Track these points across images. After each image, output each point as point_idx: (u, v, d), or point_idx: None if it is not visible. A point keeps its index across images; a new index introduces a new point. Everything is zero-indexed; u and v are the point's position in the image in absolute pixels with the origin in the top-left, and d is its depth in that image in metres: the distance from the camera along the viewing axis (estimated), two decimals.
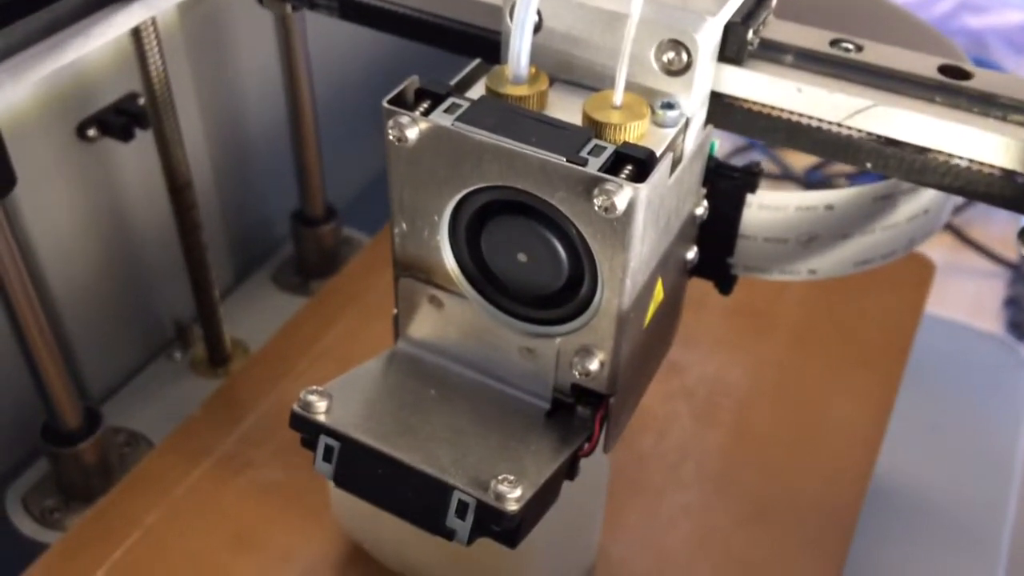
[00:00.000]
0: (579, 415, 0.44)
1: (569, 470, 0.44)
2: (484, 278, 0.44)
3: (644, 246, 0.40)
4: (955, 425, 0.92)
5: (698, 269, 0.50)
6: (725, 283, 0.51)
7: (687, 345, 0.86)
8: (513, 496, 0.38)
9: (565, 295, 0.42)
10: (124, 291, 0.79)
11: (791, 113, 0.45)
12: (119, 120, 0.73)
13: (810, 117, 0.45)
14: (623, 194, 0.37)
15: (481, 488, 0.39)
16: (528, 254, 0.41)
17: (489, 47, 0.47)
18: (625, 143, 0.39)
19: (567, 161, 0.38)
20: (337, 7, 0.53)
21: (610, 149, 0.38)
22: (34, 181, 0.70)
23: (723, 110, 0.45)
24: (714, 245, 0.49)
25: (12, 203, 0.69)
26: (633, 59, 0.42)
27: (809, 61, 0.45)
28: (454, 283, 0.44)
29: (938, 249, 1.30)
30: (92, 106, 0.72)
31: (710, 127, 0.45)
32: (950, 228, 1.40)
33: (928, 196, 0.50)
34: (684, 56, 0.41)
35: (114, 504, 0.72)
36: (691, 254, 0.48)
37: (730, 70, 0.45)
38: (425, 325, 0.45)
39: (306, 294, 0.88)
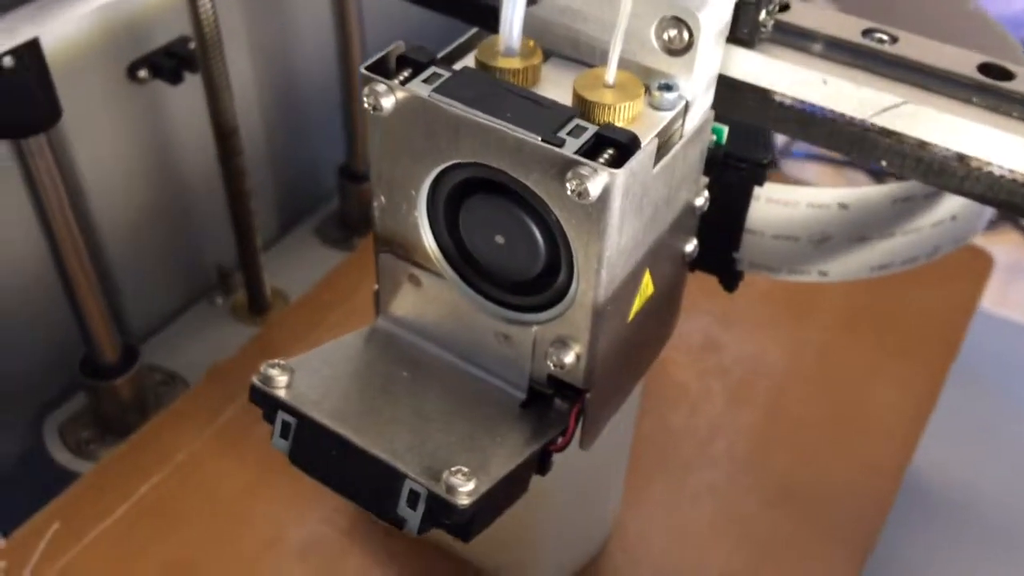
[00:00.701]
0: (556, 408, 0.40)
1: (540, 465, 0.40)
2: (462, 258, 0.40)
3: (623, 236, 0.35)
4: (1006, 427, 0.86)
5: (701, 263, 0.45)
6: (730, 279, 0.46)
7: (726, 323, 0.81)
8: (465, 490, 0.35)
9: (543, 282, 0.38)
10: (169, 233, 0.77)
11: (809, 104, 0.40)
12: (169, 63, 0.71)
13: (832, 111, 0.40)
14: (598, 179, 0.33)
15: (433, 478, 0.35)
16: (505, 236, 0.37)
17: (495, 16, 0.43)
18: (607, 125, 0.34)
19: (542, 140, 0.34)
20: None
21: (591, 131, 0.34)
22: (84, 118, 0.69)
23: (732, 95, 0.40)
24: (718, 238, 0.44)
25: (62, 139, 0.67)
26: (633, 36, 0.37)
27: (837, 50, 0.40)
28: (432, 261, 0.40)
29: (1005, 248, 1.21)
30: (144, 47, 0.70)
31: (711, 112, 0.40)
32: (1018, 227, 1.29)
33: (956, 201, 0.44)
34: (685, 35, 0.37)
35: (146, 440, 0.71)
36: (690, 247, 0.43)
37: (741, 53, 0.39)
38: (404, 303, 0.42)
39: (348, 249, 0.85)
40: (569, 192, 0.33)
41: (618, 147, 0.34)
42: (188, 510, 0.67)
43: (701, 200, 0.41)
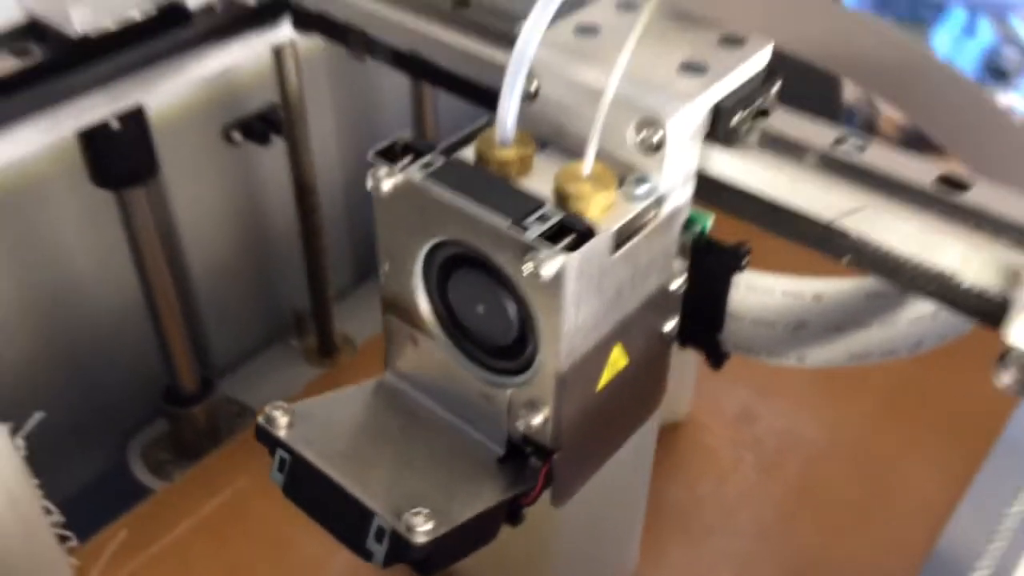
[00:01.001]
0: (531, 465, 0.43)
1: (510, 516, 0.42)
2: (452, 323, 0.43)
3: (580, 313, 0.38)
4: None
5: (691, 340, 0.48)
6: (715, 358, 0.48)
7: (764, 395, 0.82)
8: (423, 529, 0.38)
9: (517, 349, 0.41)
10: (252, 279, 0.83)
11: (780, 203, 0.42)
12: (260, 126, 0.76)
13: (799, 210, 0.42)
14: (552, 262, 0.36)
15: (397, 517, 0.38)
16: (485, 307, 0.40)
17: None
18: (571, 214, 0.38)
19: (509, 225, 0.37)
20: (392, 58, 0.54)
21: (555, 219, 0.37)
22: (182, 172, 0.75)
23: (712, 189, 0.43)
24: (703, 320, 0.47)
25: (161, 189, 0.74)
26: (613, 134, 0.40)
27: (809, 156, 0.42)
28: (426, 324, 0.43)
29: None
30: (238, 112, 0.76)
31: (685, 204, 0.43)
32: None
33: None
34: (658, 136, 0.40)
35: (215, 465, 0.76)
36: (668, 326, 0.45)
37: (718, 152, 0.42)
38: (405, 360, 0.45)
39: None
40: (527, 272, 0.36)
41: (578, 234, 0.37)
42: (245, 532, 0.72)
43: (676, 284, 0.44)
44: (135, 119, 0.65)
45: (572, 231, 0.37)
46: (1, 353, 0.72)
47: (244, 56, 0.65)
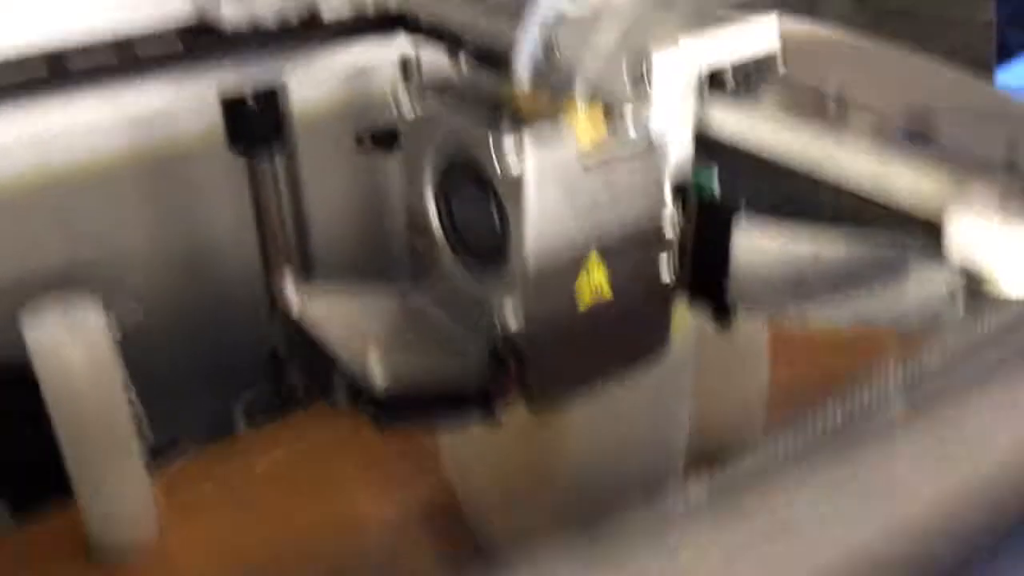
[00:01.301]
0: (510, 365, 0.46)
1: (485, 406, 0.46)
2: (454, 232, 0.48)
3: (548, 211, 0.42)
4: None
5: (699, 293, 0.51)
6: (722, 313, 0.50)
7: None
8: (378, 379, 0.43)
9: (501, 256, 0.45)
10: (365, 265, 0.91)
11: (763, 146, 0.46)
12: (388, 137, 0.85)
13: (785, 155, 0.45)
14: (511, 152, 0.41)
15: (362, 369, 0.43)
16: (476, 211, 0.45)
17: None
18: (538, 124, 0.43)
19: (488, 127, 0.43)
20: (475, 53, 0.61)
21: (526, 128, 0.42)
22: (318, 160, 0.85)
23: (709, 139, 0.47)
24: (708, 272, 0.49)
25: (296, 170, 0.83)
26: (615, 76, 0.46)
27: (795, 109, 0.46)
28: (434, 234, 0.49)
29: None
30: (371, 121, 0.85)
31: (674, 145, 0.47)
32: None
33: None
34: (644, 68, 0.45)
35: (298, 421, 0.84)
36: (663, 270, 0.48)
37: (715, 101, 0.47)
38: (423, 275, 0.50)
39: None
40: (496, 162, 0.41)
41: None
42: (306, 480, 0.78)
43: (669, 226, 0.47)
44: (268, 97, 0.75)
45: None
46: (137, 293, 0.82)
47: (366, 59, 0.74)
